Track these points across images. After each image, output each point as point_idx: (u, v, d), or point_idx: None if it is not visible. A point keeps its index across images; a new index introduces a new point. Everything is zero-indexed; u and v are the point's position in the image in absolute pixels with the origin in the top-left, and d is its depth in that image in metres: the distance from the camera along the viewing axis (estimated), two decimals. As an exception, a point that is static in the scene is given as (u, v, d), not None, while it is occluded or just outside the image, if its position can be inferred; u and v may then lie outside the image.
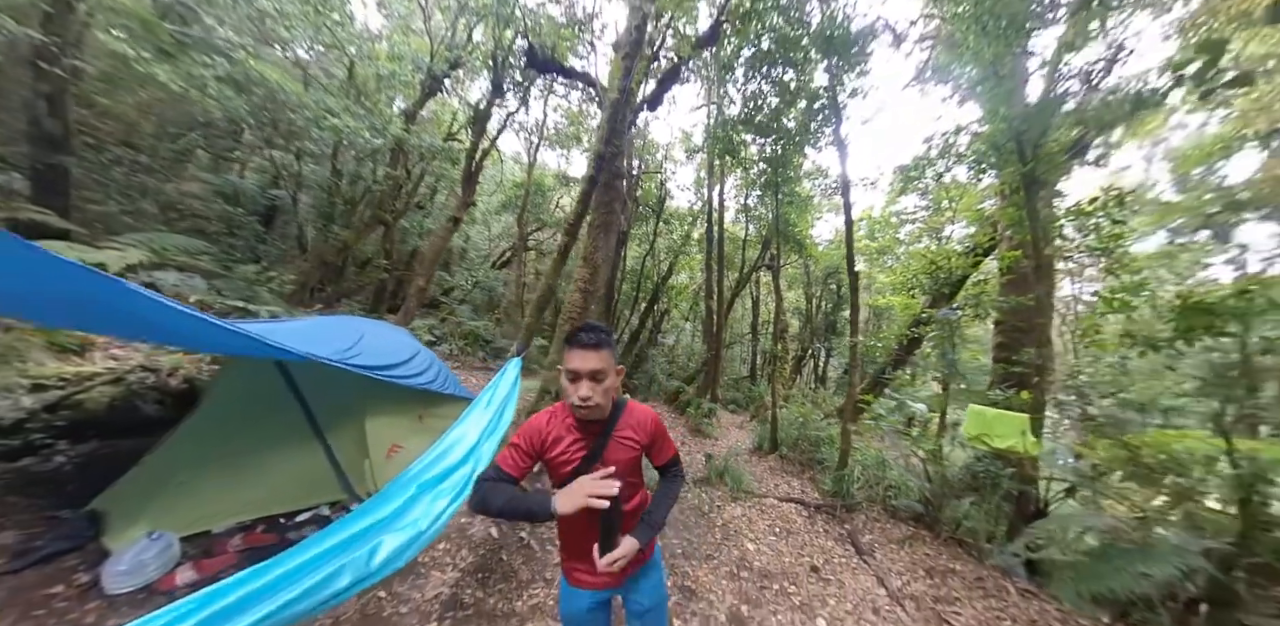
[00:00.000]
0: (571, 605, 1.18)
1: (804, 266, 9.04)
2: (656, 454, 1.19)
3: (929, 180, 5.59)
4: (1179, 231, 4.65)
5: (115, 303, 1.48)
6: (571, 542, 1.16)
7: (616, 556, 0.98)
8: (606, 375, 1.02)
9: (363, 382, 2.45)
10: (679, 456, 1.25)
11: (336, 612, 1.86)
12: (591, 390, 1.00)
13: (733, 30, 5.63)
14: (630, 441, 1.11)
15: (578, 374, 1.01)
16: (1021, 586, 2.63)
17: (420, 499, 1.47)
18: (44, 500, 2.25)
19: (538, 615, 2.07)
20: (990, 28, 3.60)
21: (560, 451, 1.07)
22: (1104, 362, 3.25)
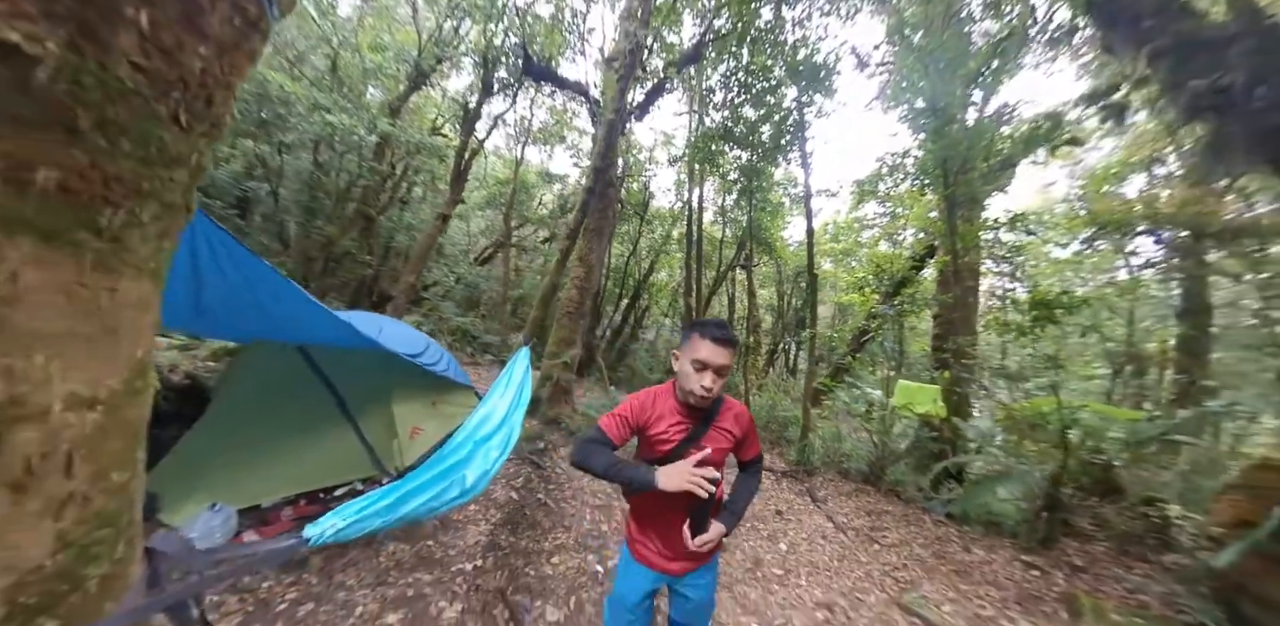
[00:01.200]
0: (630, 582, 1.24)
1: (776, 266, 9.96)
2: (745, 448, 1.24)
3: (882, 193, 6.52)
4: (1087, 241, 5.73)
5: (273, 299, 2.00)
6: (649, 519, 1.22)
7: (708, 538, 1.06)
8: (729, 370, 1.11)
9: (386, 371, 2.81)
10: (762, 455, 1.30)
11: (398, 555, 2.40)
12: (715, 382, 1.08)
13: (714, 50, 6.34)
14: (727, 433, 1.16)
15: (707, 365, 1.07)
16: (936, 519, 3.49)
17: (478, 450, 2.07)
18: None
19: (561, 551, 2.70)
20: (930, 70, 4.46)
21: (662, 430, 1.15)
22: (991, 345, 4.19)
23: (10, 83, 0.37)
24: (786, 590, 2.43)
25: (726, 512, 1.16)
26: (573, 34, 7.66)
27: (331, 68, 7.96)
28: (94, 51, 0.40)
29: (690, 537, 1.06)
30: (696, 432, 1.13)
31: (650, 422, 1.15)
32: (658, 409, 1.16)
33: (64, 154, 0.40)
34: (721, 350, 1.07)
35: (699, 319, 1.36)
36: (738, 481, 1.26)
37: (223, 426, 2.53)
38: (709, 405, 1.13)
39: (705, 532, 1.07)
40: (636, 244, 9.86)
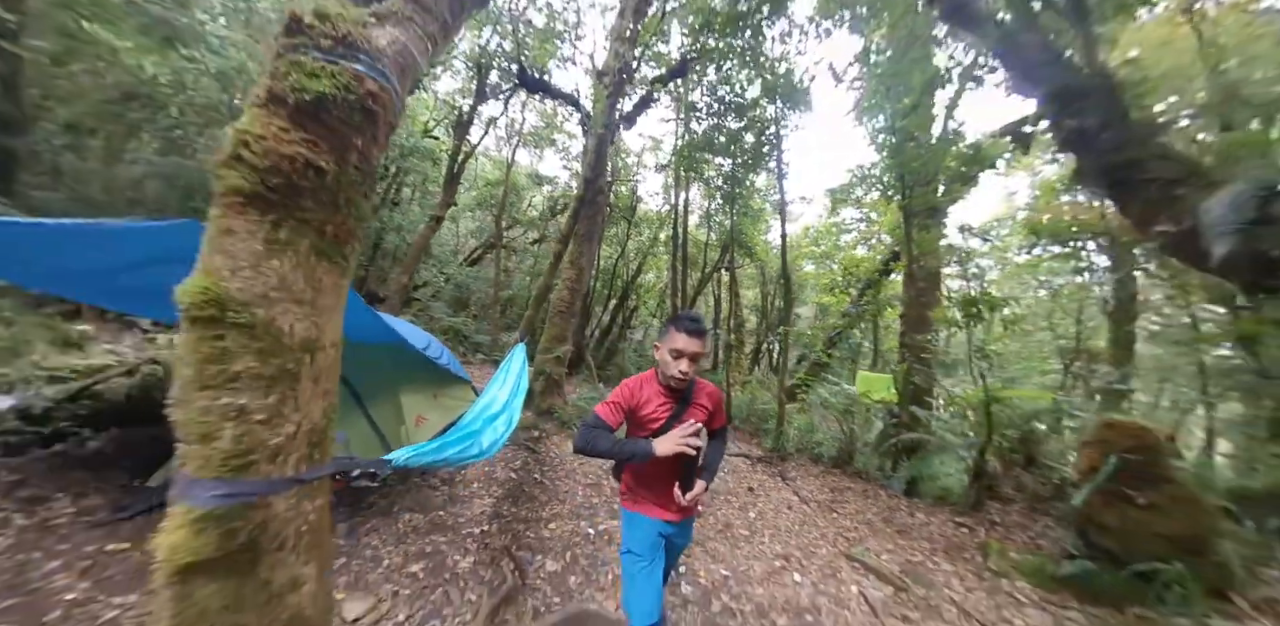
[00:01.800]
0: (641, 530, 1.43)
1: (759, 268, 10.50)
2: (715, 419, 1.48)
3: (854, 201, 7.08)
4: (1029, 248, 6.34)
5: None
6: (652, 482, 1.44)
7: (696, 493, 1.33)
8: (701, 356, 1.32)
9: (394, 364, 3.10)
10: (728, 424, 1.58)
11: (414, 522, 2.76)
12: (689, 368, 1.30)
13: (700, 64, 6.83)
14: (703, 408, 1.41)
15: (682, 353, 1.30)
16: (891, 493, 3.98)
17: (488, 426, 2.49)
18: (107, 474, 2.75)
19: (557, 518, 3.10)
20: (892, 92, 5.00)
21: (650, 410, 1.37)
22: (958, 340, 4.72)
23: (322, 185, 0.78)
24: (751, 546, 2.87)
25: (706, 472, 1.41)
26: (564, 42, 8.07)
27: None
28: (343, 162, 0.81)
29: (681, 495, 1.31)
30: (679, 410, 1.36)
31: (640, 405, 1.37)
32: (645, 393, 1.38)
33: (339, 217, 0.81)
34: (694, 340, 1.28)
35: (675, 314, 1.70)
36: (709, 446, 1.49)
37: None
38: (686, 386, 1.36)
39: (691, 489, 1.33)
40: (625, 246, 10.30)
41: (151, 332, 5.15)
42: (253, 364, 0.78)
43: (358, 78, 0.89)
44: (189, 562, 0.75)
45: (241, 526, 0.78)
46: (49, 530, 2.22)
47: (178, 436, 0.79)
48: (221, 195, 0.80)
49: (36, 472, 2.68)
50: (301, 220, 0.84)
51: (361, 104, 0.92)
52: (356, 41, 0.91)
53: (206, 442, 0.75)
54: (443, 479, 3.38)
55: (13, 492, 2.43)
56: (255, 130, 0.80)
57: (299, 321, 0.85)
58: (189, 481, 0.77)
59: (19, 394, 3.28)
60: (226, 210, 0.79)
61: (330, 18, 0.88)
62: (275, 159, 0.80)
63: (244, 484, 0.78)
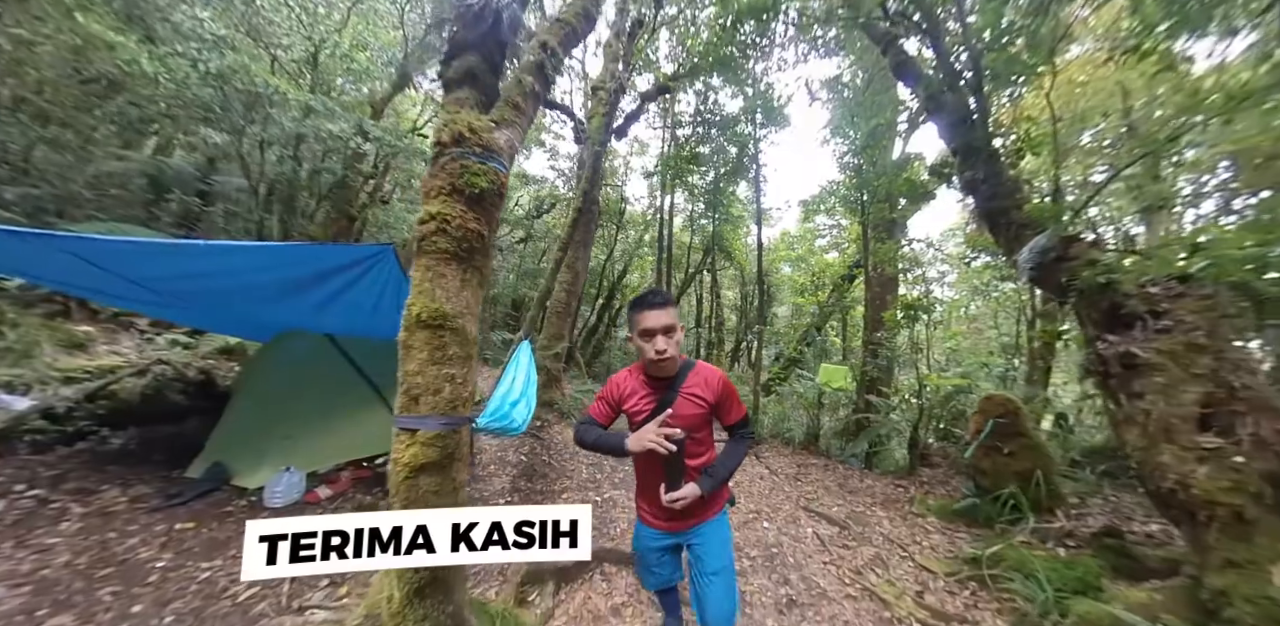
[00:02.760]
0: (641, 541, 1.41)
1: (738, 270, 11.38)
2: (725, 413, 1.31)
3: (825, 210, 7.99)
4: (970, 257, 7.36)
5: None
6: (640, 482, 1.38)
7: (676, 496, 1.18)
8: (675, 329, 1.21)
9: None
10: (749, 418, 1.36)
11: None
12: (666, 343, 1.19)
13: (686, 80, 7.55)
14: (697, 399, 1.25)
15: (652, 331, 1.19)
16: (848, 468, 4.83)
17: (513, 409, 3.11)
18: (142, 468, 2.98)
19: (567, 491, 3.78)
20: (856, 119, 5.85)
21: (633, 404, 1.30)
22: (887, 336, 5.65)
23: (483, 245, 1.47)
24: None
25: (705, 475, 1.25)
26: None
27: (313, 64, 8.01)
28: (490, 230, 1.49)
29: (664, 493, 1.21)
30: (665, 400, 1.25)
31: (624, 399, 1.33)
32: (627, 386, 1.34)
33: (487, 263, 1.49)
34: (655, 312, 1.20)
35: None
36: (724, 448, 1.34)
37: (270, 407, 3.12)
38: (672, 372, 1.26)
39: (678, 490, 1.19)
40: (613, 249, 10.97)
41: (149, 333, 5.31)
42: (456, 351, 1.44)
43: (495, 173, 1.56)
44: (421, 464, 1.39)
45: (448, 443, 1.43)
46: (110, 516, 2.52)
47: (410, 391, 1.43)
48: (433, 253, 1.45)
49: (73, 468, 2.91)
50: (474, 267, 1.51)
51: (499, 190, 1.59)
52: (493, 146, 1.57)
53: (436, 394, 1.41)
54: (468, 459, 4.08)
55: (58, 486, 2.70)
56: (449, 213, 1.45)
57: (470, 326, 1.51)
58: (422, 417, 1.41)
59: (37, 394, 3.49)
60: (437, 262, 1.44)
61: (478, 131, 1.54)
62: (463, 231, 1.46)
63: (452, 419, 1.43)
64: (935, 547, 2.82)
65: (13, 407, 3.22)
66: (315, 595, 2.09)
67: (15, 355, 3.76)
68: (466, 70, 1.60)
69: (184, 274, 2.50)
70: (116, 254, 2.22)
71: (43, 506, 2.53)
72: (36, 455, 3.01)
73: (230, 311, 3.39)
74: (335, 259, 2.34)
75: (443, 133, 1.49)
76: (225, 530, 2.52)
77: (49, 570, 2.08)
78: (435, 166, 1.49)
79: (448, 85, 1.63)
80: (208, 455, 3.03)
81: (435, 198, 1.46)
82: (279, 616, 1.92)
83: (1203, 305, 1.77)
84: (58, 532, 2.35)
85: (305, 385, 3.28)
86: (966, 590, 2.38)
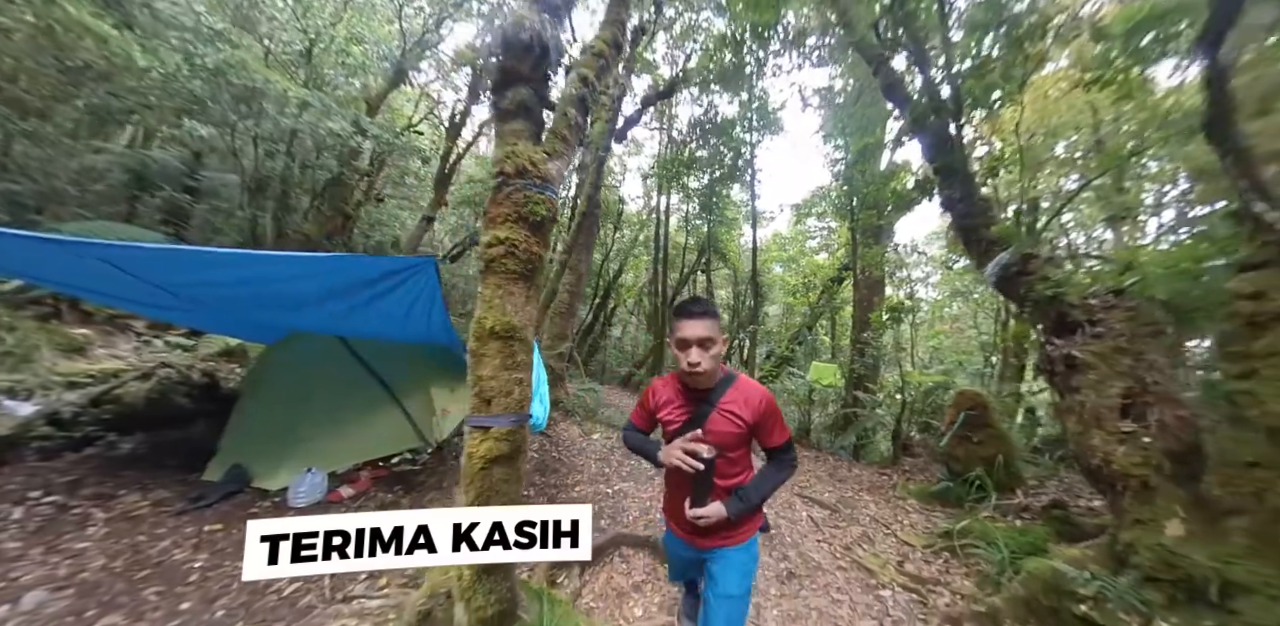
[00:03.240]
0: (671, 547, 1.48)
1: (731, 270, 11.80)
2: (764, 435, 1.27)
3: (816, 213, 8.43)
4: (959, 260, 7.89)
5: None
6: (667, 491, 1.41)
7: (699, 513, 1.19)
8: (714, 342, 1.19)
9: (426, 359, 3.57)
10: (792, 443, 1.31)
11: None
12: (700, 356, 1.17)
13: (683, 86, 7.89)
14: (734, 417, 1.21)
15: (686, 341, 1.18)
16: (837, 460, 5.27)
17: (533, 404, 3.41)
18: (157, 472, 3.01)
19: (579, 484, 4.11)
20: (847, 129, 6.27)
21: (667, 413, 1.30)
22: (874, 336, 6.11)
23: (540, 266, 1.77)
24: (732, 492, 4.03)
25: (734, 497, 1.22)
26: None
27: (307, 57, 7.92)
28: (546, 251, 1.81)
29: (688, 507, 1.21)
30: (700, 414, 1.23)
31: (659, 406, 1.33)
32: (663, 395, 1.33)
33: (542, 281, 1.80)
34: (693, 322, 1.18)
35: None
36: (761, 471, 1.31)
37: (283, 408, 3.17)
38: (710, 384, 1.24)
39: (703, 507, 1.19)
40: (610, 249, 11.27)
41: (145, 335, 5.20)
42: (522, 358, 1.76)
43: (550, 201, 1.87)
44: (495, 457, 1.69)
45: (516, 438, 1.74)
46: (135, 520, 2.55)
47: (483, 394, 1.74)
48: (502, 273, 1.76)
49: (87, 473, 2.92)
50: (535, 285, 1.82)
51: (552, 217, 1.90)
52: (548, 177, 1.88)
53: (507, 396, 1.72)
54: None
55: (75, 491, 2.70)
56: (515, 238, 1.76)
57: (531, 336, 1.82)
58: (495, 416, 1.71)
59: (40, 399, 3.44)
60: (506, 281, 1.76)
61: (537, 164, 1.84)
62: (528, 254, 1.77)
63: (520, 417, 1.74)
64: (914, 525, 3.25)
65: (16, 413, 3.20)
66: (356, 587, 2.19)
67: (15, 359, 3.72)
68: (520, 103, 1.88)
69: (219, 281, 2.57)
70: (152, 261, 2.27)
71: (63, 512, 2.54)
72: (45, 461, 3.00)
73: (250, 315, 3.37)
74: (377, 269, 2.53)
75: (505, 164, 1.78)
76: None
77: (87, 573, 2.12)
78: (500, 195, 1.79)
79: (502, 115, 1.91)
80: (223, 457, 3.10)
81: (502, 224, 1.76)
82: (329, 607, 2.02)
83: (1128, 315, 2.19)
84: (85, 537, 2.38)
85: (317, 386, 3.33)
86: (940, 559, 2.80)
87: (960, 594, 2.43)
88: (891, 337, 5.91)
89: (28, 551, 2.22)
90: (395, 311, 2.99)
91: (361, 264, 2.67)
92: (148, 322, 5.35)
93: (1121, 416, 2.02)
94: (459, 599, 1.63)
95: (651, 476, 4.35)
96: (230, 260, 2.38)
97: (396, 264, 2.50)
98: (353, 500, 3.10)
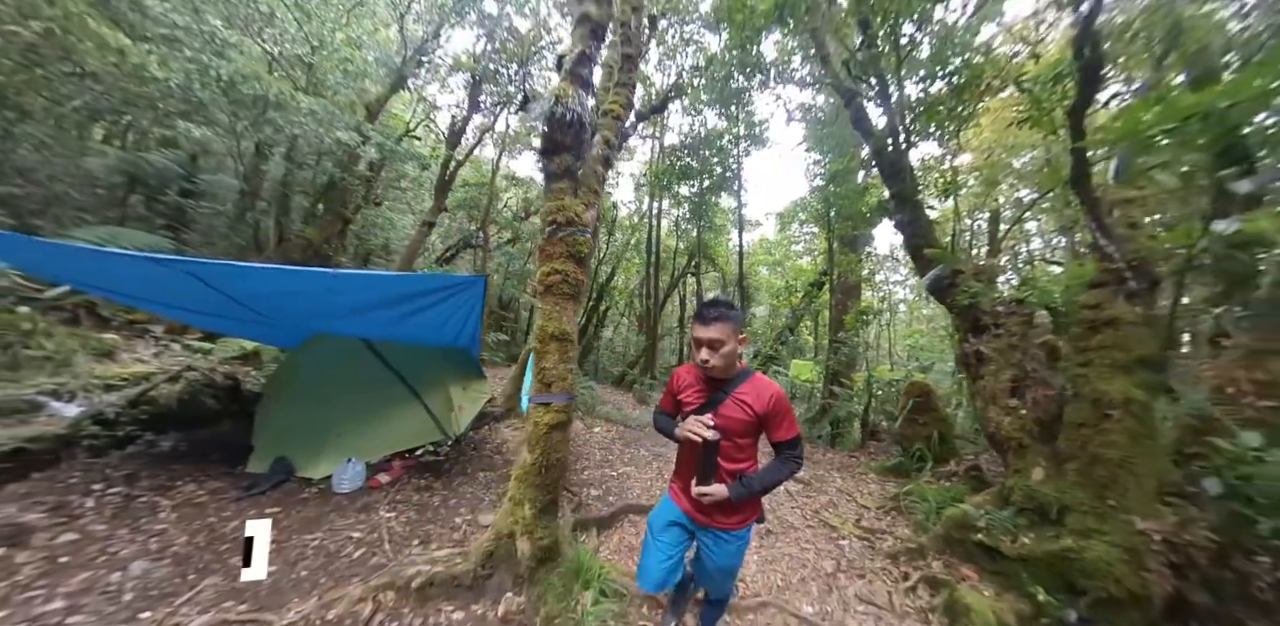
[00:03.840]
0: (660, 512, 1.64)
1: (720, 273, 12.59)
2: (773, 429, 1.43)
3: (800, 220, 9.25)
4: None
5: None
6: (678, 466, 1.64)
7: (703, 491, 1.37)
8: (723, 343, 1.36)
9: (442, 359, 4.01)
10: (800, 441, 1.46)
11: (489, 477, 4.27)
12: (709, 355, 1.38)
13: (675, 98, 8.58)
14: (745, 405, 1.40)
15: (699, 341, 1.39)
16: (814, 447, 6.05)
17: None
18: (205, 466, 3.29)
19: (588, 468, 4.76)
20: (826, 147, 7.06)
21: (687, 395, 1.53)
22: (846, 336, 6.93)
23: (580, 288, 2.45)
24: (722, 472, 4.75)
25: (738, 482, 1.39)
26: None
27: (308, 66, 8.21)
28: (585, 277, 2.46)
29: (694, 484, 1.39)
30: (714, 399, 1.43)
31: (680, 389, 1.56)
32: (685, 380, 1.55)
33: (582, 297, 2.46)
34: (703, 326, 1.37)
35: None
36: (767, 464, 1.45)
37: (314, 405, 3.50)
38: (724, 375, 1.43)
39: (707, 485, 1.36)
40: (603, 252, 11.93)
41: (163, 339, 5.52)
42: (570, 353, 2.43)
43: (589, 241, 2.54)
44: (554, 424, 2.33)
45: (568, 410, 2.40)
46: (199, 506, 2.84)
47: (545, 379, 2.39)
48: (559, 295, 2.41)
49: (138, 468, 3.19)
50: (578, 302, 2.49)
51: (591, 252, 2.57)
52: (586, 223, 2.55)
53: (563, 381, 2.38)
54: (494, 449, 4.63)
55: (134, 484, 2.99)
56: (568, 270, 2.41)
57: (576, 339, 2.49)
58: (554, 395, 2.37)
59: (82, 401, 3.69)
60: (560, 300, 2.42)
61: (580, 214, 2.51)
62: (575, 281, 2.43)
63: (570, 395, 2.40)
64: (871, 493, 4.01)
65: (64, 414, 3.46)
66: (411, 550, 2.56)
67: (55, 364, 4.01)
68: (565, 167, 2.54)
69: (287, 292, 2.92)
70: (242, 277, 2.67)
71: (130, 502, 2.79)
72: (95, 458, 3.25)
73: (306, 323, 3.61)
74: (437, 283, 3.08)
75: (557, 215, 2.45)
76: (309, 512, 2.96)
77: (175, 547, 2.40)
78: (554, 238, 2.45)
79: (549, 176, 2.57)
80: (262, 452, 3.40)
81: (556, 259, 2.44)
82: (396, 562, 2.36)
83: (1022, 320, 2.97)
84: (161, 521, 2.64)
85: (344, 384, 3.63)
86: (889, 516, 3.56)
87: (900, 539, 3.18)
88: (863, 338, 6.71)
89: (114, 532, 2.51)
90: (436, 320, 3.47)
91: (425, 280, 3.23)
92: (165, 327, 5.68)
93: (1010, 396, 2.79)
94: (521, 534, 2.28)
95: (649, 461, 5.05)
96: (315, 278, 2.83)
97: (453, 280, 3.08)
98: (390, 486, 3.44)
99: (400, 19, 9.49)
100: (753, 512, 1.55)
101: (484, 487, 3.58)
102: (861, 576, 2.84)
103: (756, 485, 1.40)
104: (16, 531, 2.36)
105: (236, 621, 1.97)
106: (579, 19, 2.80)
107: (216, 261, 2.56)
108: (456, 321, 3.59)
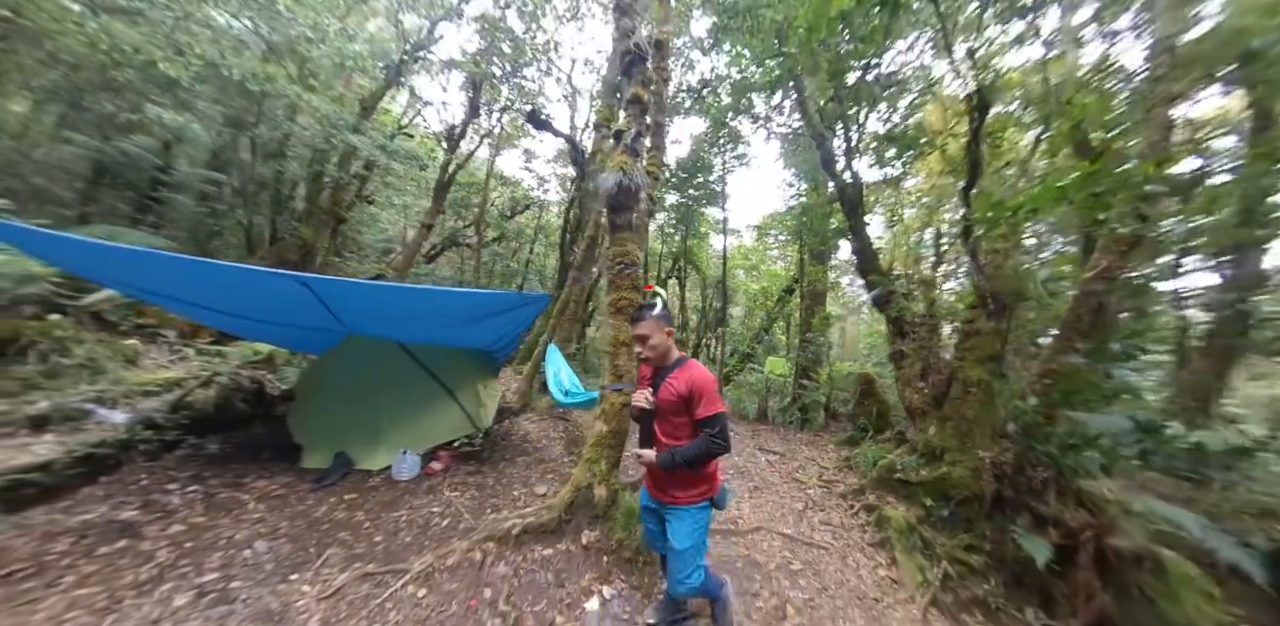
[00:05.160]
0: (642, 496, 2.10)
1: (700, 276, 14.06)
2: (694, 406, 1.75)
3: (775, 230, 10.80)
4: None
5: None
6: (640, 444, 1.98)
7: (639, 452, 1.86)
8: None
9: (462, 361, 4.55)
10: (717, 420, 1.72)
11: (527, 461, 5.51)
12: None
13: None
14: (673, 388, 1.80)
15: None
16: (787, 430, 7.56)
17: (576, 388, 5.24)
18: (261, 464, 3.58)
19: (602, 446, 6.04)
20: (801, 170, 8.54)
21: (644, 383, 1.98)
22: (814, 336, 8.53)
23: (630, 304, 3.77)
24: (714, 448, 6.15)
25: (664, 453, 1.81)
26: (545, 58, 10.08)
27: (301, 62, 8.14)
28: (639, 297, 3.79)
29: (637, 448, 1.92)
30: (656, 383, 1.89)
31: (643, 379, 2.03)
32: (645, 371, 2.03)
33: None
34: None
35: None
36: (687, 443, 1.81)
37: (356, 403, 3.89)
38: (664, 364, 1.90)
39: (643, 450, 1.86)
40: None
41: (176, 344, 5.84)
42: (632, 355, 3.68)
43: (640, 274, 3.79)
44: (623, 403, 3.55)
45: (627, 396, 3.62)
46: (279, 498, 3.10)
47: (616, 372, 3.61)
48: (623, 314, 3.64)
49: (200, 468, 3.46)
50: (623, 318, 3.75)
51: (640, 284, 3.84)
52: (639, 262, 3.80)
53: (628, 374, 3.61)
54: (521, 439, 5.48)
55: (205, 482, 3.22)
56: (629, 297, 3.64)
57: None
58: (623, 383, 3.59)
59: (124, 407, 3.93)
60: (624, 318, 3.65)
61: (636, 256, 3.75)
62: (631, 304, 3.68)
63: (631, 384, 3.62)
64: (830, 458, 5.54)
65: (112, 420, 3.69)
66: (487, 516, 3.05)
67: (89, 371, 4.24)
68: (627, 221, 3.78)
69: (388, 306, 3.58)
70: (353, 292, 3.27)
71: (211, 498, 3.00)
72: (151, 461, 3.47)
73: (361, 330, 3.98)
74: (511, 302, 3.97)
75: (623, 258, 3.68)
76: (383, 496, 3.34)
77: (283, 528, 2.64)
78: (621, 275, 3.67)
79: (615, 228, 3.76)
80: (315, 448, 3.78)
81: (623, 289, 3.67)
82: (490, 523, 2.90)
83: (930, 327, 4.49)
84: (253, 511, 2.85)
85: (385, 384, 4.00)
86: (841, 472, 5.06)
87: (848, 485, 4.66)
88: (827, 338, 8.29)
89: (217, 521, 2.73)
90: (496, 329, 4.20)
91: (503, 298, 4.00)
92: (177, 331, 5.94)
93: (920, 380, 4.30)
94: (599, 483, 3.46)
95: (655, 440, 6.33)
96: (413, 296, 3.60)
97: (525, 299, 4.14)
98: (443, 473, 3.91)
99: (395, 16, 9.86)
100: (698, 490, 1.86)
101: (525, 469, 4.23)
102: (823, 510, 4.28)
103: (679, 457, 1.74)
104: (124, 526, 2.59)
105: (376, 573, 2.38)
106: (630, 100, 4.04)
107: (332, 278, 3.15)
108: (510, 331, 4.51)
